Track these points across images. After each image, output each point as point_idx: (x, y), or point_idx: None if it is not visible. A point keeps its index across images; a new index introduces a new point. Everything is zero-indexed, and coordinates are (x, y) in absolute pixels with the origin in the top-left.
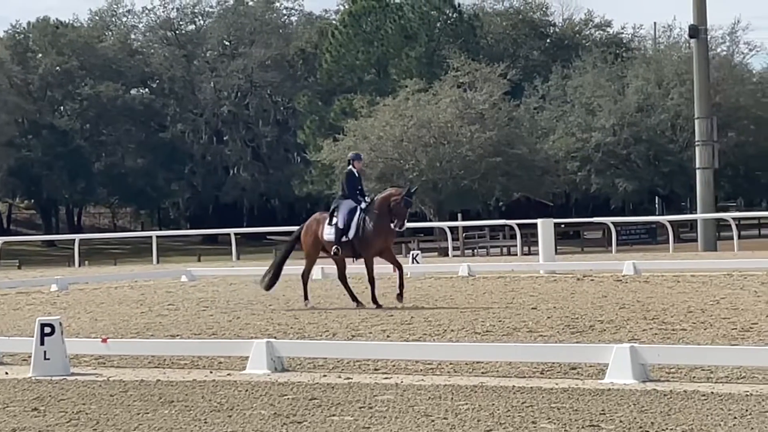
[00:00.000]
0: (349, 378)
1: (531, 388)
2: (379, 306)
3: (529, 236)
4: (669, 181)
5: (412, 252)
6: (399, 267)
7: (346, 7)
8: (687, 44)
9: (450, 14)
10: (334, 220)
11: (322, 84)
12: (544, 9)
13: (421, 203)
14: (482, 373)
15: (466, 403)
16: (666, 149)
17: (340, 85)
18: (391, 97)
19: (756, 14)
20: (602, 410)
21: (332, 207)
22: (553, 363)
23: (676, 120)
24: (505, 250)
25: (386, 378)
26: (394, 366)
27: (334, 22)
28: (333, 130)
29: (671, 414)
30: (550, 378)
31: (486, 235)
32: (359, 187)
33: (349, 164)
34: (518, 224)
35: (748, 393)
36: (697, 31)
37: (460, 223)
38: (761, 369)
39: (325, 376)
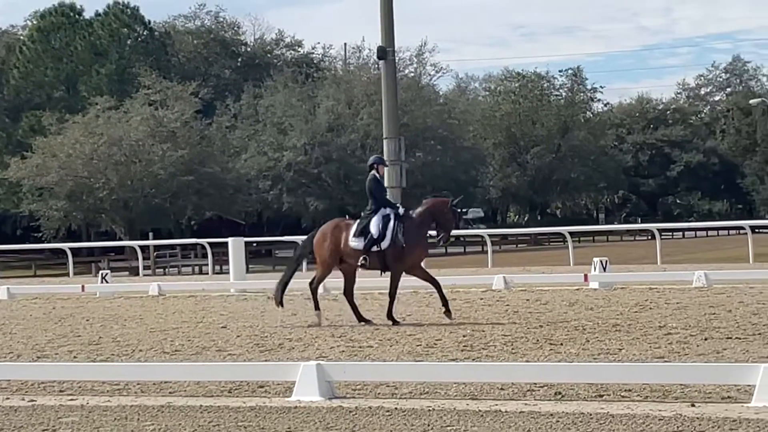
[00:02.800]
0: (33, 400)
1: (219, 407)
2: (396, 323)
3: (221, 255)
4: (359, 200)
5: (101, 271)
6: (436, 284)
7: (35, 22)
8: (376, 65)
9: (141, 32)
10: (365, 227)
11: (10, 100)
12: (235, 28)
13: (111, 222)
14: (170, 393)
15: (153, 424)
16: (356, 168)
17: (28, 101)
18: (81, 114)
19: (442, 37)
20: (288, 428)
21: (363, 218)
22: (242, 382)
23: (365, 140)
24: (197, 269)
25: (71, 399)
26: (80, 387)
27: (21, 37)
28: (21, 148)
29: (356, 430)
30: (237, 397)
31: (177, 254)
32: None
33: (371, 169)
34: (209, 243)
35: (430, 408)
36: (386, 52)
37: (151, 242)
38: (443, 384)
39: (8, 399)
